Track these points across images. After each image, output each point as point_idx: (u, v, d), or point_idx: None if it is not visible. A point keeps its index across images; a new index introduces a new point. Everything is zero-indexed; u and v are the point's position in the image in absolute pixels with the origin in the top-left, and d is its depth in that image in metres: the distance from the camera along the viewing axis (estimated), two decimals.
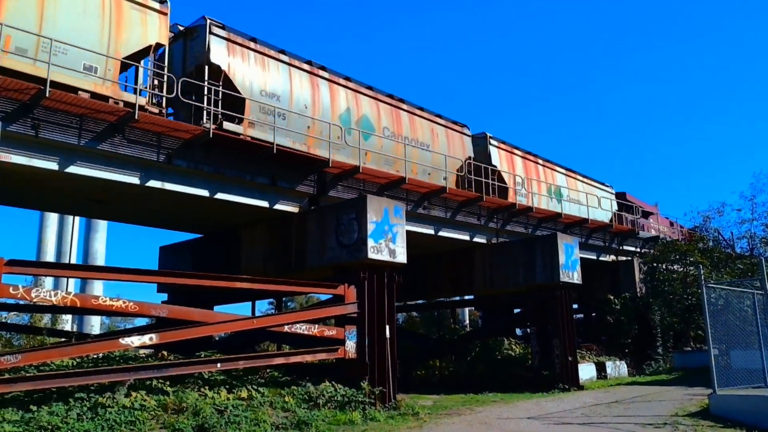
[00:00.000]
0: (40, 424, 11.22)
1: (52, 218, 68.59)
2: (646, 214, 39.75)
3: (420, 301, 34.39)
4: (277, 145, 17.42)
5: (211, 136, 15.98)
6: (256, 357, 16.52)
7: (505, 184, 27.70)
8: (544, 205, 29.27)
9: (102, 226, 68.61)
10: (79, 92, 14.32)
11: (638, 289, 31.64)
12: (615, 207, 35.64)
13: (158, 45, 16.49)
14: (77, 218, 67.43)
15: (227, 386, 14.99)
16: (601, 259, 32.25)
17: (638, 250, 34.74)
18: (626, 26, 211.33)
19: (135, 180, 15.71)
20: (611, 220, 33.84)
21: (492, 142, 28.19)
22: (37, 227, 69.61)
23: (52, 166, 14.37)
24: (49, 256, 67.83)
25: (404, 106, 24.28)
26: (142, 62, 16.44)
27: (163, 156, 15.90)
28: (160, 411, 12.99)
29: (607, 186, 36.42)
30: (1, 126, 12.44)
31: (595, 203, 33.29)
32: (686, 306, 30.45)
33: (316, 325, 16.84)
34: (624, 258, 33.30)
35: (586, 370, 26.08)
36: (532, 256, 24.34)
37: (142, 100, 15.53)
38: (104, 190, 16.74)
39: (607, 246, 32.44)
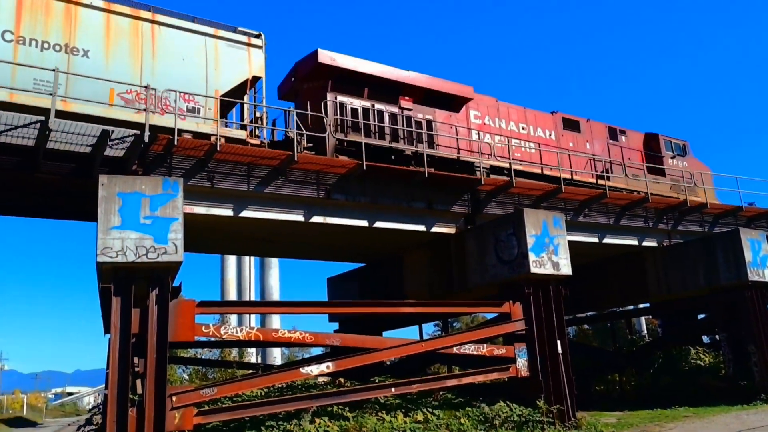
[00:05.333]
0: None
1: (231, 260, 74.73)
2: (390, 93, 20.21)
3: (589, 313, 32.87)
4: (428, 169, 17.69)
5: (364, 167, 16.59)
6: (429, 380, 16.67)
7: None
8: None
9: (275, 263, 73.64)
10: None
11: None
12: (255, 68, 17.36)
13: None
14: (252, 258, 73.02)
15: (403, 410, 15.27)
16: None
17: None
18: None
19: (299, 218, 16.72)
20: (245, 89, 17.38)
21: None
22: (219, 269, 76.16)
23: (228, 212, 15.74)
24: (232, 294, 73.82)
25: None
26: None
27: (322, 192, 16.77)
28: None
29: (236, 32, 17.57)
30: (183, 181, 13.85)
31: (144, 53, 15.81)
32: None
33: (485, 345, 16.70)
34: None
35: None
36: (712, 255, 22.38)
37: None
38: (273, 230, 17.97)
39: None
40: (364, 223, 17.72)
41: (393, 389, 15.41)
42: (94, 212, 13.21)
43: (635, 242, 23.41)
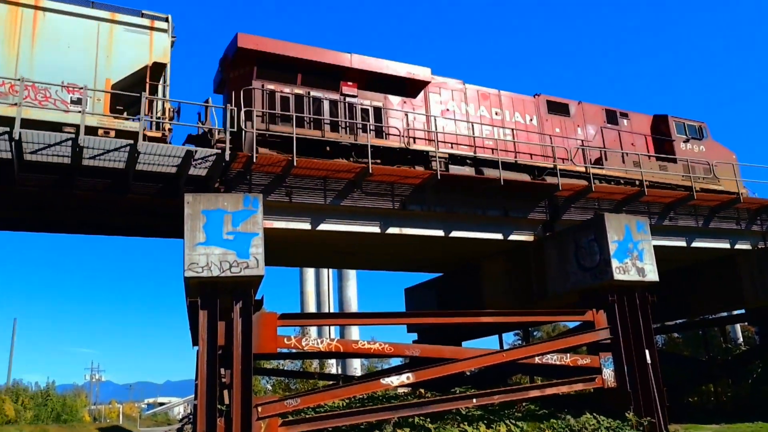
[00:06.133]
0: None
1: (310, 272, 76.18)
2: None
3: (679, 321, 31.37)
4: (503, 178, 17.45)
5: (438, 177, 16.55)
6: (511, 391, 16.36)
7: None
8: None
9: (352, 275, 74.52)
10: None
11: None
12: (158, 53, 15.79)
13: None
14: (330, 270, 74.15)
15: (485, 421, 15.04)
16: None
17: None
18: None
19: (376, 229, 16.85)
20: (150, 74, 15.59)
21: None
22: (298, 282, 77.78)
23: (306, 226, 16.05)
24: (311, 306, 75.15)
25: None
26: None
27: (397, 203, 16.83)
28: None
29: (142, 17, 16.09)
30: (263, 197, 14.25)
31: None
32: None
33: (568, 355, 16.25)
34: None
35: None
36: None
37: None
38: (350, 242, 18.17)
39: None
40: (440, 233, 17.64)
41: (474, 400, 15.23)
42: (178, 229, 13.79)
43: (727, 245, 22.20)
